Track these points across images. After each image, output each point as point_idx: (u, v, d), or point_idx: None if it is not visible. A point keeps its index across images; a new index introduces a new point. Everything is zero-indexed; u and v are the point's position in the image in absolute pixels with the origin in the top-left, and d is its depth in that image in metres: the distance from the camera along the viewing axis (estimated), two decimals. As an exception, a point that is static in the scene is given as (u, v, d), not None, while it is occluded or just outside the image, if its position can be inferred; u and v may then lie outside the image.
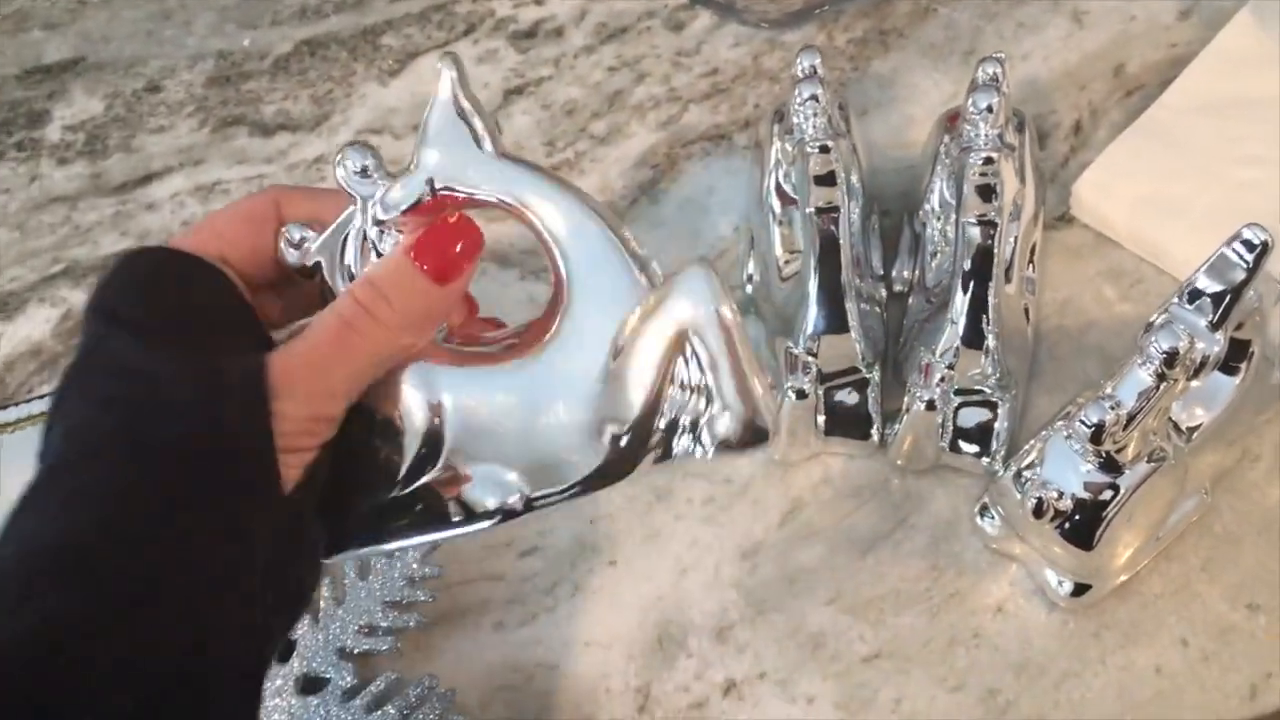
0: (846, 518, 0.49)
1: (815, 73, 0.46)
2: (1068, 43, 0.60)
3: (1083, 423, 0.38)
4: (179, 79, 0.65)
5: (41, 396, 0.56)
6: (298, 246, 0.37)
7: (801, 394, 0.47)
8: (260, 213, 0.38)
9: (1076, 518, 0.42)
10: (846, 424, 0.49)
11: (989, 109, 0.43)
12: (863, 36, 0.61)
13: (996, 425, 0.47)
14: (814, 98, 0.45)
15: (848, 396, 0.49)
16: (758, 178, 0.54)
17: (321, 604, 0.49)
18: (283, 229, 0.37)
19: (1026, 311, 0.50)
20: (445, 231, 0.36)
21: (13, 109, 0.65)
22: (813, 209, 0.45)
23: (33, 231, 0.61)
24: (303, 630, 0.48)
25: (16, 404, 0.56)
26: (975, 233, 0.43)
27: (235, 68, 0.65)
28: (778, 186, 0.50)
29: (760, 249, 0.53)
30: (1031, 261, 0.50)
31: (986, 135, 0.42)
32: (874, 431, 0.49)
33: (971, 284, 0.44)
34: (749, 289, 0.54)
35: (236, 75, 0.64)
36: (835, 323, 0.47)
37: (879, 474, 0.50)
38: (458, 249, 0.36)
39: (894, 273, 0.52)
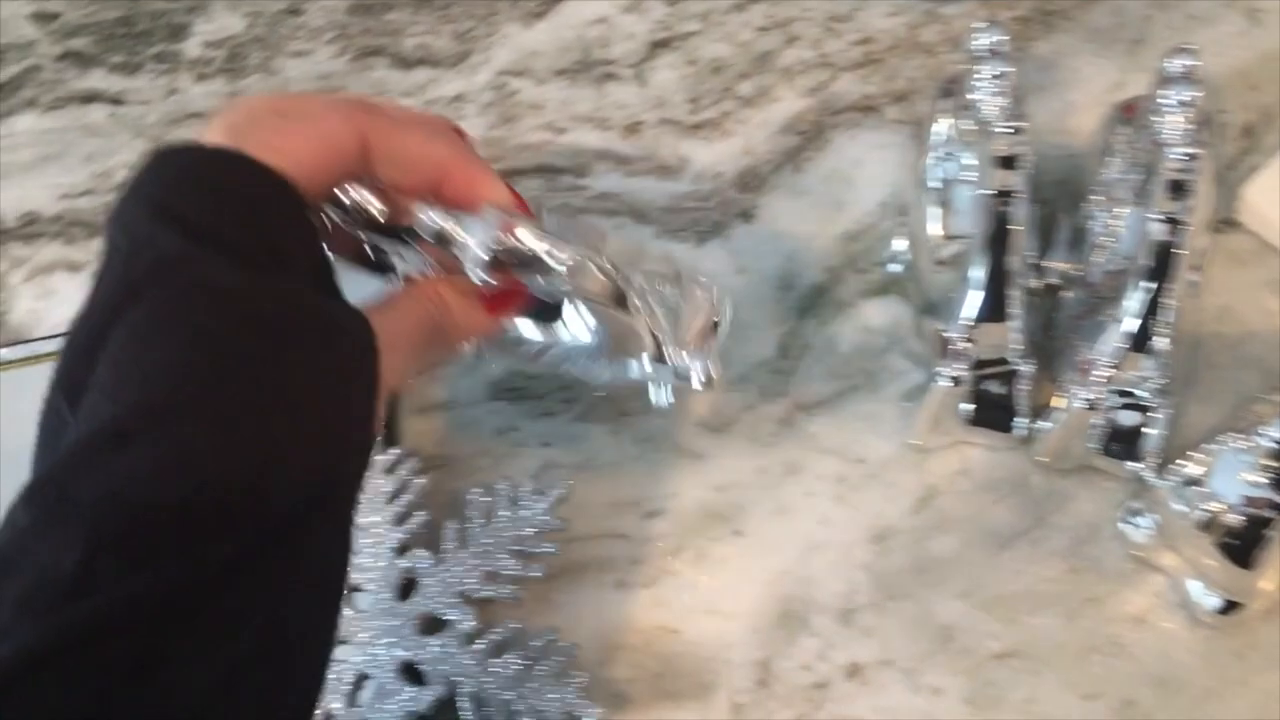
0: (983, 510, 0.48)
1: (1000, 50, 0.44)
2: (1241, 40, 0.57)
3: (1272, 439, 0.37)
4: (320, 3, 0.64)
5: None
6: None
7: (955, 380, 0.46)
8: (343, 146, 0.35)
9: (1239, 534, 0.40)
10: (992, 415, 0.48)
11: (1186, 103, 0.42)
12: (1026, 15, 0.59)
13: (1151, 431, 0.46)
14: (1000, 75, 0.43)
15: (996, 387, 0.48)
16: (913, 154, 0.53)
17: (445, 545, 0.49)
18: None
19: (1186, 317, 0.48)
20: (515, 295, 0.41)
21: (153, 20, 0.64)
22: (992, 191, 0.43)
23: (168, 146, 0.61)
24: (424, 568, 0.48)
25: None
26: (1160, 230, 0.42)
27: (379, -4, 0.64)
28: (941, 165, 0.49)
29: (912, 228, 0.51)
30: (1198, 266, 0.48)
31: (1184, 130, 0.41)
32: (1019, 425, 0.48)
33: (1149, 284, 0.42)
34: (892, 267, 0.53)
35: (379, 4, 0.64)
36: (995, 311, 0.45)
37: (1019, 469, 0.48)
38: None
39: (1045, 263, 0.51)
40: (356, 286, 0.39)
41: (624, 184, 0.57)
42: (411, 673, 0.47)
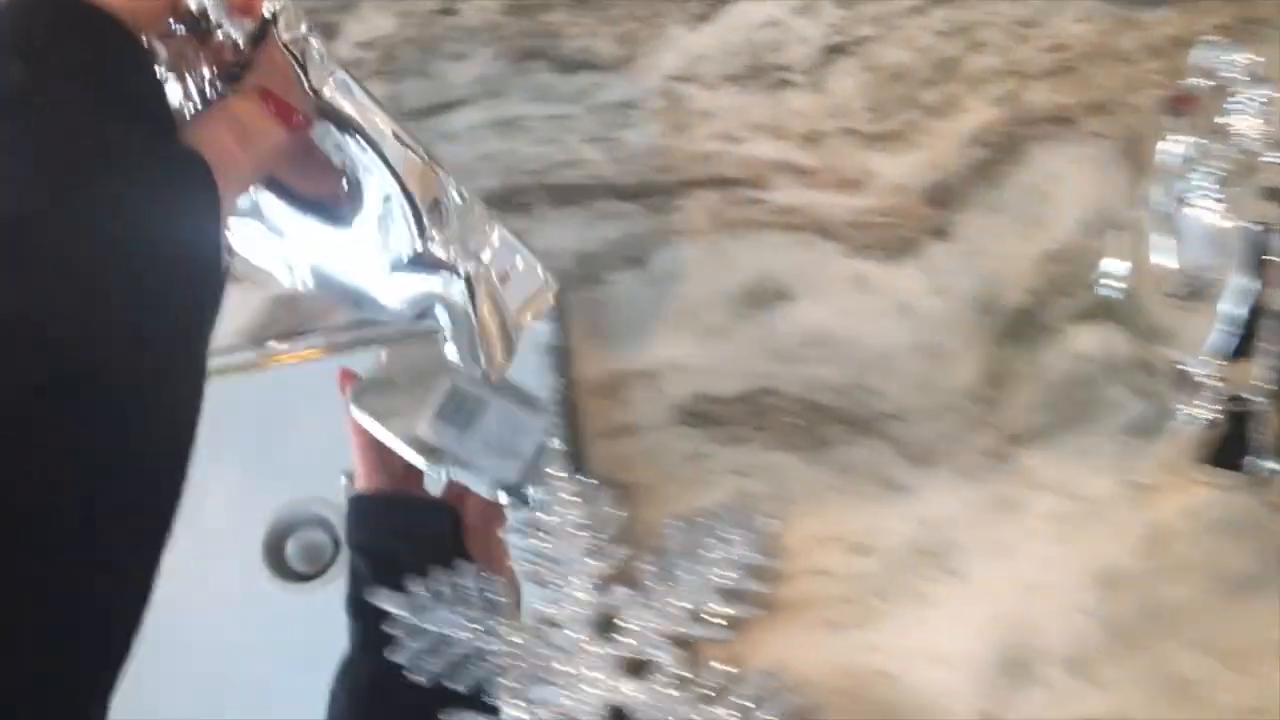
0: (1218, 555, 0.46)
1: (1257, 73, 0.42)
2: None
3: None
4: (475, 3, 0.61)
5: (339, 328, 0.54)
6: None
7: (1197, 419, 0.43)
8: None
9: None
10: (1227, 453, 0.45)
11: (1263, 103, 0.39)
12: (1228, 23, 0.56)
13: (1406, 475, 0.43)
14: (1265, 100, 0.41)
15: (1233, 425, 0.45)
16: (1123, 172, 0.50)
17: (646, 581, 0.47)
18: None
19: None
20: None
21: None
22: (1255, 224, 0.41)
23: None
24: (625, 605, 0.46)
25: (309, 332, 0.54)
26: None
27: (536, -5, 0.61)
28: (1171, 191, 0.46)
29: (1134, 255, 0.49)
30: None
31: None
32: (1256, 465, 0.45)
33: None
34: (1103, 290, 0.51)
35: (536, 4, 0.61)
36: (1246, 347, 0.43)
37: (1255, 512, 0.46)
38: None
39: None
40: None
41: (806, 197, 0.55)
42: (619, 718, 0.45)
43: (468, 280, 0.40)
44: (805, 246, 0.54)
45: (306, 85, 0.38)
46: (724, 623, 0.46)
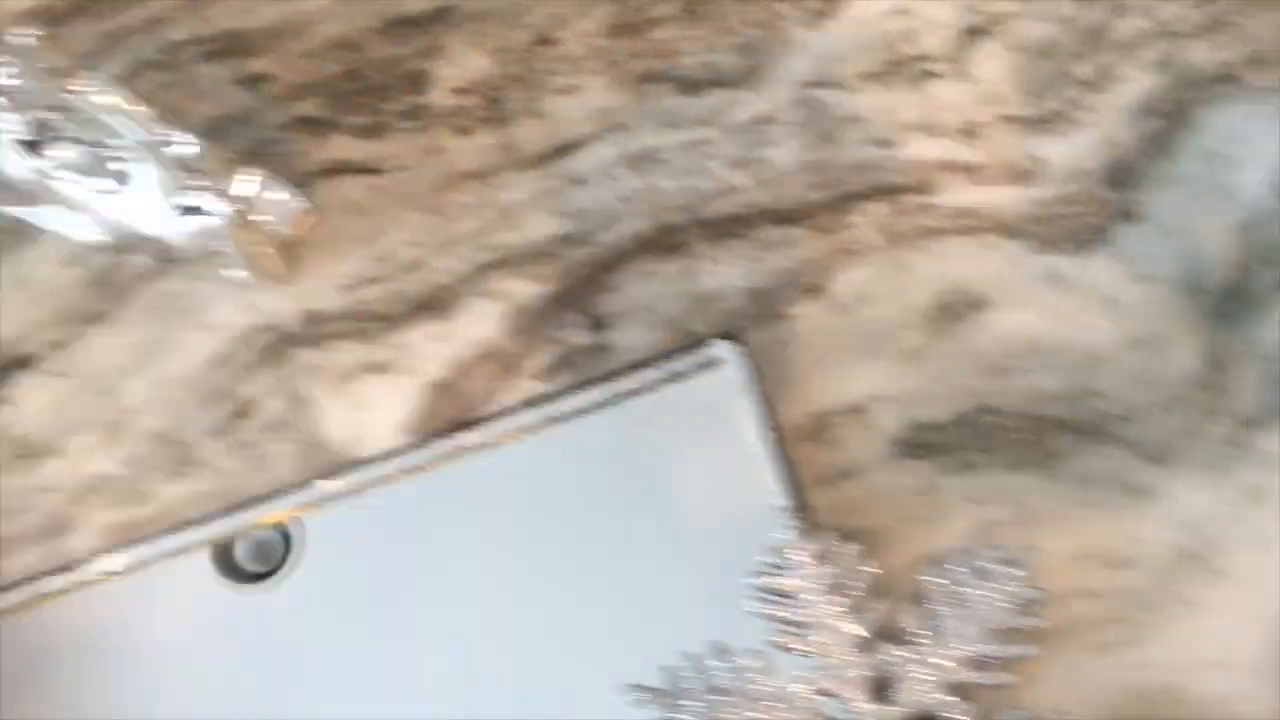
0: None
1: None
2: None
3: None
4: (573, 28, 0.57)
5: (526, 405, 0.50)
6: None
7: None
8: None
9: None
10: None
11: None
12: (1377, -47, 0.54)
13: None
14: None
15: None
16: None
17: (914, 634, 0.45)
18: None
19: None
20: None
21: (385, 70, 0.57)
22: None
23: (450, 213, 0.54)
24: (897, 663, 0.44)
25: (489, 417, 0.50)
26: None
27: (638, 12, 0.57)
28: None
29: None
30: None
31: None
32: None
33: None
34: (1312, 256, 0.49)
35: (642, 22, 0.57)
36: None
37: None
38: None
39: None
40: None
41: (979, 196, 0.52)
42: (921, 782, 0.43)
43: (226, 212, 0.50)
44: (990, 248, 0.51)
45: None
46: (1001, 664, 0.44)
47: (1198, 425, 0.48)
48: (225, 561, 0.50)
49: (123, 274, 0.55)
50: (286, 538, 0.50)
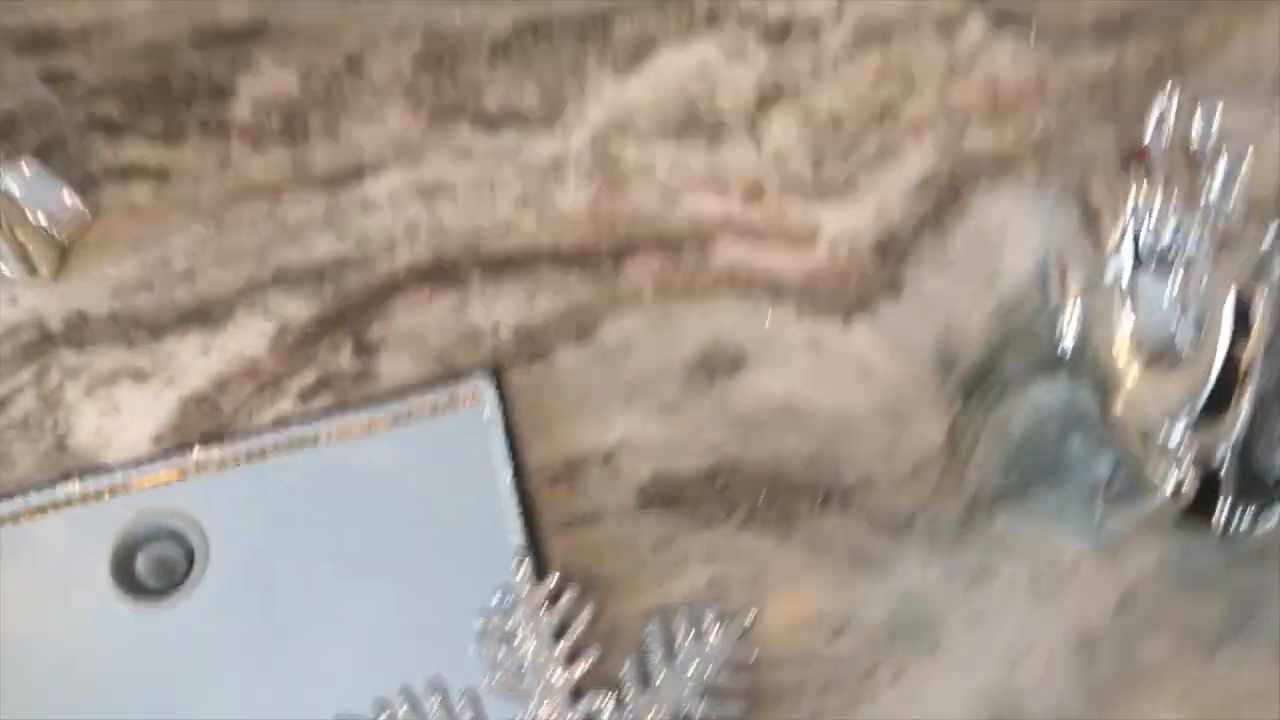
0: (1190, 611, 0.46)
1: (1225, 135, 0.41)
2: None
3: None
4: (382, 56, 0.57)
5: (273, 426, 0.50)
6: None
7: (1178, 488, 0.43)
8: None
9: None
10: (1196, 510, 0.46)
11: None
12: (1159, 59, 0.56)
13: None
14: (1239, 158, 0.40)
15: (1200, 483, 0.45)
16: (1074, 222, 0.50)
17: (626, 686, 0.45)
18: None
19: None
20: None
21: (191, 79, 0.57)
22: (1235, 290, 0.41)
23: (231, 227, 0.54)
24: (607, 714, 0.44)
25: (240, 434, 0.50)
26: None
27: (447, 47, 0.57)
28: (1133, 248, 0.46)
29: (1090, 307, 0.48)
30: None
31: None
32: (1221, 521, 0.46)
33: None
34: (1065, 343, 0.50)
35: (449, 56, 0.57)
36: (1216, 411, 0.43)
37: (1220, 565, 0.46)
38: None
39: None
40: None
41: (753, 256, 0.53)
42: (609, 835, 0.43)
43: None
44: (757, 310, 0.52)
45: None
46: (709, 722, 0.44)
47: (933, 500, 0.48)
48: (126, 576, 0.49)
49: (-110, 259, 0.54)
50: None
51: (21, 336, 0.52)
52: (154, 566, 0.49)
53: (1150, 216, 0.45)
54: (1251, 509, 0.45)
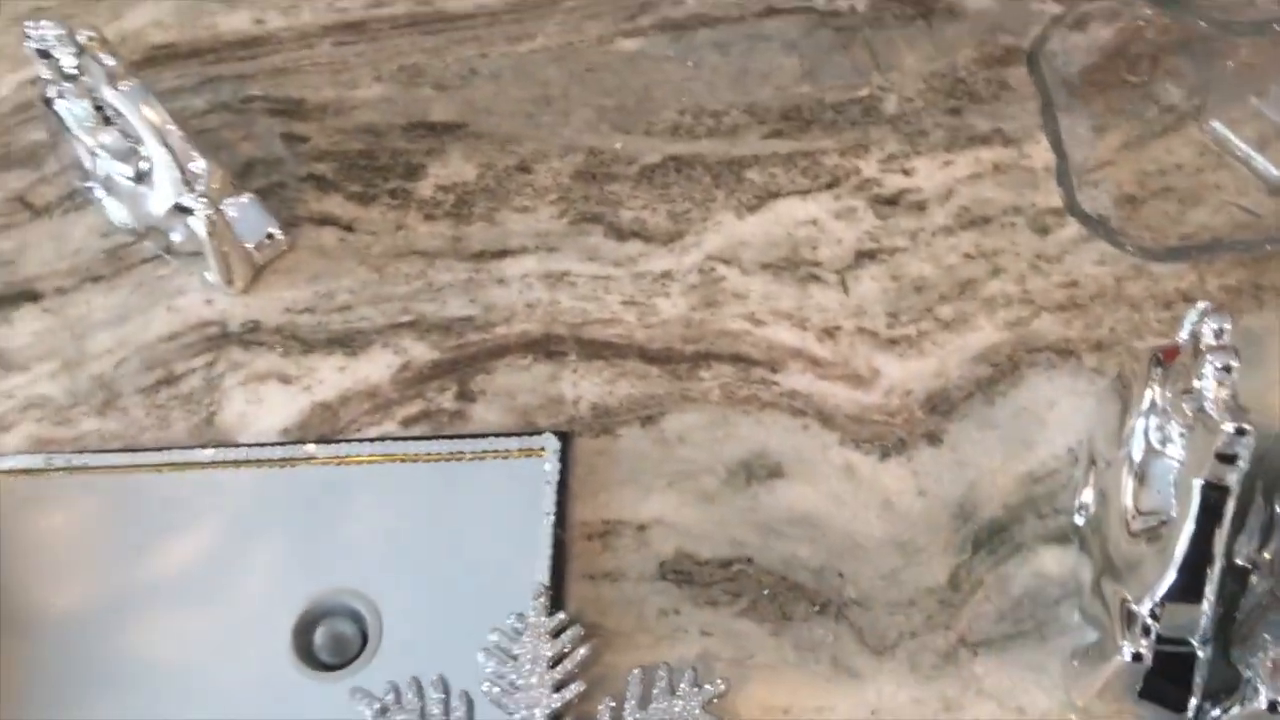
0: (1145, 790, 0.47)
1: (1225, 341, 0.45)
2: None
3: None
4: (549, 165, 0.68)
5: (372, 439, 0.59)
6: None
7: (1138, 656, 0.45)
8: None
9: None
10: (1164, 691, 0.47)
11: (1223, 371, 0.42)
12: (1236, 286, 0.60)
13: (1335, 743, 0.45)
14: (1227, 369, 0.44)
15: (1174, 665, 0.47)
16: (1113, 412, 0.53)
17: (597, 722, 0.50)
18: None
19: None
20: None
21: (393, 157, 0.69)
22: (1203, 481, 0.44)
23: (390, 278, 0.64)
24: (574, 743, 0.49)
25: (345, 440, 0.59)
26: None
27: (603, 167, 0.67)
28: (1144, 435, 0.49)
29: (1103, 486, 0.52)
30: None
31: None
32: (1191, 706, 0.47)
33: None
34: (1076, 518, 0.53)
35: (603, 174, 0.67)
36: (1190, 594, 0.45)
37: (1188, 753, 0.48)
38: None
39: (1236, 545, 0.50)
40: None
41: (814, 386, 0.59)
42: (548, 846, 0.47)
43: (208, 219, 0.61)
44: (805, 431, 0.57)
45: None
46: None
47: (922, 631, 0.52)
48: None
49: (133, 253, 0.67)
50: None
51: (206, 330, 0.64)
52: (330, 642, 0.56)
53: (1162, 409, 0.49)
54: (1223, 702, 0.47)
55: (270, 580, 0.56)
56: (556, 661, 0.51)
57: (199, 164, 0.61)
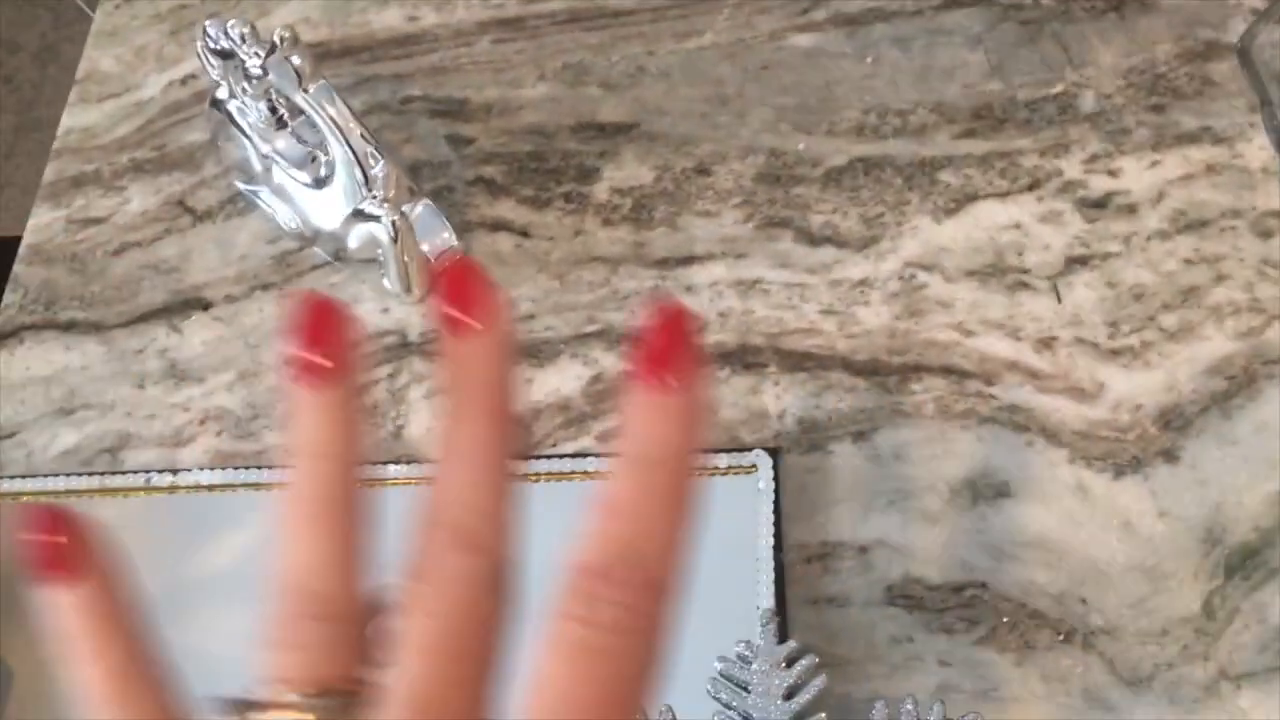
0: None
1: None
2: None
3: None
4: (729, 167, 0.65)
5: (571, 455, 0.56)
6: None
7: None
8: None
9: None
10: None
11: None
12: None
13: None
14: None
15: None
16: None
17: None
18: None
19: None
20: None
21: (564, 159, 0.67)
22: None
23: (572, 285, 0.62)
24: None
25: (545, 456, 0.56)
26: None
27: (786, 169, 0.65)
28: None
29: (1376, 509, 0.49)
30: None
31: None
32: None
33: None
34: (1337, 542, 0.50)
35: (787, 177, 0.64)
36: None
37: None
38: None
39: None
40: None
41: (1035, 400, 0.56)
42: None
43: (392, 225, 0.59)
44: (1030, 448, 0.55)
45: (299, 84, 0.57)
46: (916, 814, 0.46)
47: (1179, 663, 0.49)
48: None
49: (302, 260, 0.65)
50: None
51: (386, 340, 0.62)
52: None
53: None
54: None
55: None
56: (792, 693, 0.49)
57: (380, 167, 0.59)
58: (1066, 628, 0.50)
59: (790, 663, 0.49)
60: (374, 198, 0.59)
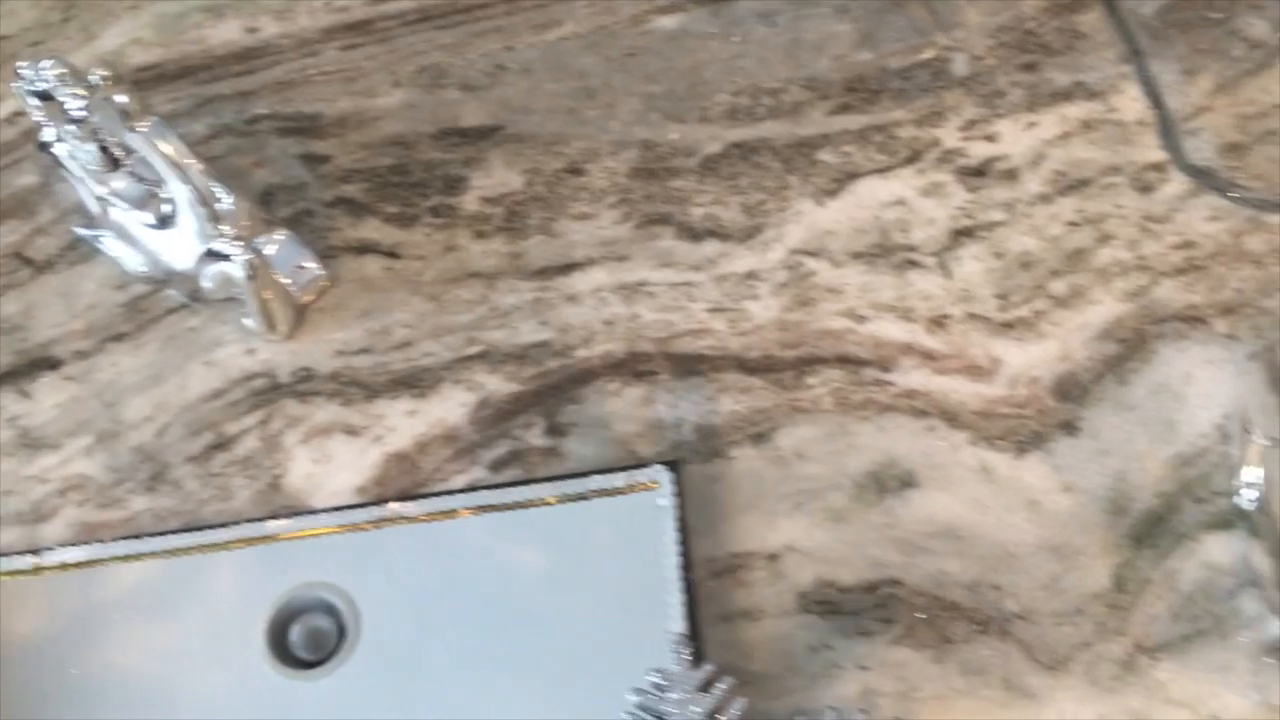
0: (1366, 791, 0.44)
1: None
2: None
3: None
4: (601, 164, 0.62)
5: (457, 491, 0.54)
6: None
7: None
8: None
9: None
10: (1376, 686, 0.44)
11: None
12: (1361, 231, 0.56)
13: None
14: None
15: (1383, 657, 0.44)
16: (1260, 385, 0.50)
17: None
18: None
19: None
20: None
21: (428, 170, 0.63)
22: None
23: (449, 306, 0.59)
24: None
25: (432, 494, 0.54)
26: None
27: (661, 162, 0.62)
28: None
29: (1270, 471, 0.48)
30: None
31: None
32: (1404, 699, 0.44)
33: None
34: (1239, 500, 0.50)
35: (662, 170, 0.62)
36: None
37: (1405, 747, 0.45)
38: None
39: None
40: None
41: (932, 382, 0.55)
42: None
43: (248, 265, 0.55)
44: (931, 432, 0.53)
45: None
46: (848, 830, 0.45)
47: (1095, 641, 0.48)
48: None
49: (155, 305, 0.61)
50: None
51: (254, 384, 0.58)
52: (307, 638, 0.52)
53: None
54: None
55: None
56: (710, 718, 0.47)
57: (226, 202, 0.55)
58: (982, 617, 0.49)
59: (708, 686, 0.48)
60: (224, 236, 0.55)
